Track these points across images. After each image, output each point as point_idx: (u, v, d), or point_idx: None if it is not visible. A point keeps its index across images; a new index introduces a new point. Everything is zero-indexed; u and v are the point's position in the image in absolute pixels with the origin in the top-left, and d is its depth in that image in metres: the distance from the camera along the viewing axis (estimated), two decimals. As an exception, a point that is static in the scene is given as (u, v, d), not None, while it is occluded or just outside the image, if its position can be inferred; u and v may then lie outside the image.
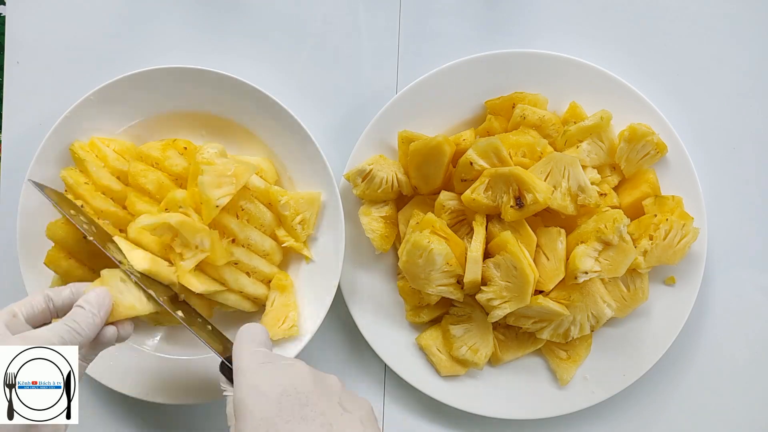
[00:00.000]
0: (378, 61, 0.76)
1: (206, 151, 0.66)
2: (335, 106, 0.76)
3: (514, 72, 0.71)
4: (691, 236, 0.68)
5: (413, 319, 0.73)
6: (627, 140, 0.69)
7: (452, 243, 0.66)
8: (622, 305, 0.70)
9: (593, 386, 0.72)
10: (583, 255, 0.65)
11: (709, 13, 0.75)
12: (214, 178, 0.64)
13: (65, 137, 0.69)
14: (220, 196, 0.64)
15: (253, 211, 0.69)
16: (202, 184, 0.63)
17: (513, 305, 0.65)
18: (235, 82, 0.68)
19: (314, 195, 0.70)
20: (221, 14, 0.76)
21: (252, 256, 0.69)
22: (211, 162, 0.65)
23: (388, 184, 0.70)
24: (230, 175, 0.65)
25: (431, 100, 0.71)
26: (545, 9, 0.76)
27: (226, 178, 0.64)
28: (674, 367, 0.75)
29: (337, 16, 0.76)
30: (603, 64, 0.71)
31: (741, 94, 0.75)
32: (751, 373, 0.75)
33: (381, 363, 0.75)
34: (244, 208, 0.69)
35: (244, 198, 0.69)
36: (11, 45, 0.76)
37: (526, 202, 0.64)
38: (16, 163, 0.75)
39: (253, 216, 0.69)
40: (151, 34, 0.76)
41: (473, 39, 0.76)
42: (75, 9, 0.76)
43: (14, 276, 0.71)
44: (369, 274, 0.73)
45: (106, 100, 0.69)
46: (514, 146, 0.67)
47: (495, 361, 0.73)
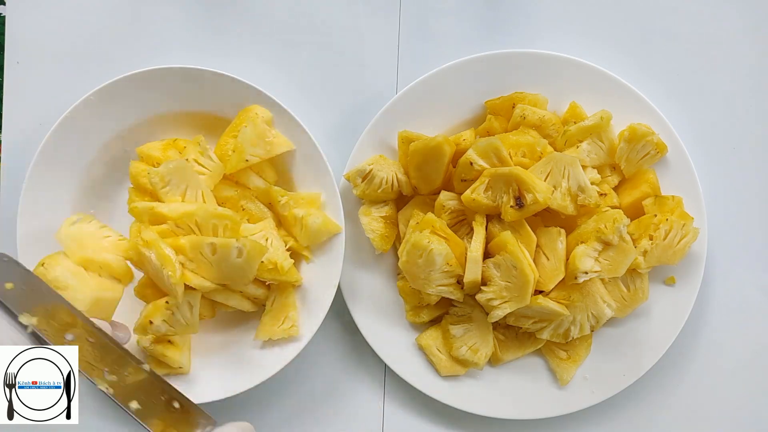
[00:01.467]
0: (378, 61, 0.76)
1: (254, 112, 0.68)
2: (335, 106, 0.76)
3: (514, 72, 0.71)
4: (691, 236, 0.68)
5: (413, 319, 0.73)
6: (627, 140, 0.69)
7: (452, 243, 0.66)
8: (622, 305, 0.70)
9: (593, 386, 0.72)
10: (583, 255, 0.65)
11: (709, 14, 0.75)
12: (254, 136, 0.67)
13: (65, 137, 0.69)
14: (252, 154, 0.67)
15: (254, 211, 0.70)
16: (243, 134, 0.66)
17: (513, 305, 0.65)
18: (235, 82, 0.68)
19: (314, 196, 0.70)
20: (221, 14, 0.76)
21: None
22: (256, 122, 0.67)
23: (388, 184, 0.70)
24: (268, 141, 0.68)
25: (431, 100, 0.71)
26: (545, 9, 0.76)
27: (263, 142, 0.67)
28: (674, 367, 0.75)
29: (337, 16, 0.76)
30: (603, 64, 0.71)
31: (741, 94, 0.75)
32: (750, 373, 0.75)
33: (381, 363, 0.75)
34: (245, 208, 0.69)
35: (244, 197, 0.70)
36: (11, 45, 0.76)
37: (526, 202, 0.64)
38: (16, 163, 0.75)
39: (254, 215, 0.70)
40: (151, 34, 0.76)
41: (473, 39, 0.76)
42: (75, 9, 0.76)
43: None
44: (369, 274, 0.73)
45: (106, 100, 0.69)
46: (514, 146, 0.67)
47: (495, 361, 0.73)
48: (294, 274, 0.69)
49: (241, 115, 0.69)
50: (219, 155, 0.68)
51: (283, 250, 0.68)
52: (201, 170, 0.67)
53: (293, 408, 0.76)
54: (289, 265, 0.68)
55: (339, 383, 0.76)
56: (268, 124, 0.69)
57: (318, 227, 0.68)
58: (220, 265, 0.61)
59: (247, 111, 0.69)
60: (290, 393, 0.76)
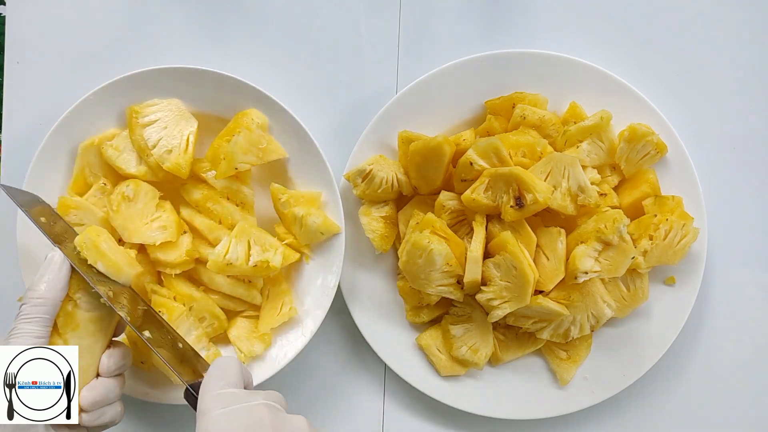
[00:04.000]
0: (378, 61, 0.76)
1: (251, 117, 0.68)
2: (335, 106, 0.76)
3: (514, 72, 0.71)
4: (691, 236, 0.68)
5: (413, 319, 0.73)
6: (627, 140, 0.69)
7: (452, 243, 0.66)
8: (622, 305, 0.70)
9: (593, 386, 0.72)
10: (583, 255, 0.64)
11: (709, 14, 0.75)
12: (246, 143, 0.67)
13: (65, 137, 0.69)
14: (243, 161, 0.67)
15: (219, 212, 0.69)
16: (234, 143, 0.66)
17: (513, 305, 0.65)
18: (235, 82, 0.68)
19: (314, 195, 0.70)
20: (221, 14, 0.76)
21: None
22: (251, 129, 0.67)
23: (388, 184, 0.70)
24: (260, 148, 0.68)
25: (431, 100, 0.71)
26: (545, 9, 0.76)
27: (255, 149, 0.67)
28: (674, 367, 0.75)
29: (338, 16, 0.76)
30: (603, 64, 0.71)
31: (741, 94, 0.75)
32: (751, 373, 0.75)
33: (381, 363, 0.75)
34: (212, 210, 0.69)
35: (211, 199, 0.69)
36: (11, 45, 0.76)
37: (526, 202, 0.64)
38: (16, 163, 0.75)
39: (223, 217, 0.70)
40: (151, 34, 0.76)
41: (473, 39, 0.76)
42: (75, 9, 0.76)
43: (14, 277, 0.71)
44: (369, 274, 0.73)
45: (106, 100, 0.69)
46: (514, 146, 0.67)
47: (495, 361, 0.73)
48: (291, 259, 0.69)
49: (237, 118, 0.69)
50: (211, 157, 0.68)
51: (271, 243, 0.68)
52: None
53: (293, 408, 0.75)
54: (280, 262, 0.67)
55: (339, 383, 0.76)
56: (264, 129, 0.69)
57: (318, 227, 0.68)
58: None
59: (243, 115, 0.68)
60: (290, 393, 0.76)
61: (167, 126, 0.68)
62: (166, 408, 0.75)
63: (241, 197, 0.69)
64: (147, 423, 0.76)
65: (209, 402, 0.52)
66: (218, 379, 0.54)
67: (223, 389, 0.53)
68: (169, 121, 0.68)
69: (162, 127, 0.67)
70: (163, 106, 0.68)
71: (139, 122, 0.67)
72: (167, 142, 0.67)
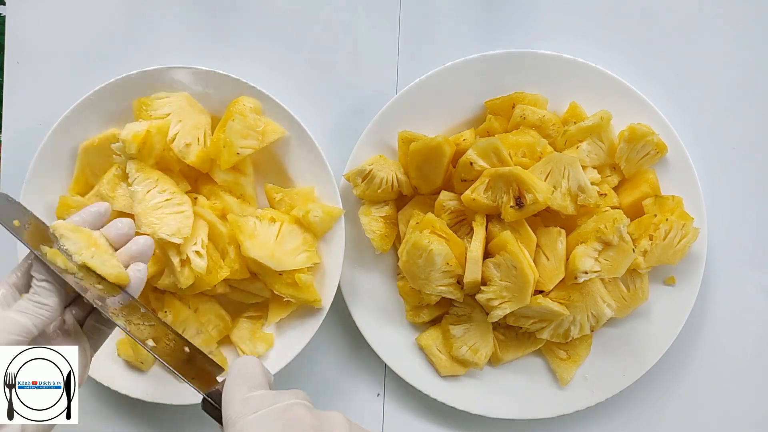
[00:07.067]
0: (378, 62, 0.76)
1: (242, 103, 0.67)
2: (335, 106, 0.76)
3: (514, 72, 0.71)
4: (691, 236, 0.68)
5: (413, 319, 0.73)
6: (627, 140, 0.69)
7: (452, 243, 0.66)
8: (622, 305, 0.70)
9: (593, 386, 0.72)
10: (583, 255, 0.64)
11: (709, 14, 0.75)
12: (242, 128, 0.66)
13: (65, 137, 0.69)
14: (243, 146, 0.66)
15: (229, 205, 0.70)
16: (230, 129, 0.65)
17: (513, 305, 0.65)
18: (235, 82, 0.69)
19: (307, 190, 0.70)
20: (221, 14, 0.76)
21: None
22: (244, 114, 0.66)
23: (388, 184, 0.70)
24: (258, 131, 0.67)
25: (431, 100, 0.71)
26: (545, 10, 0.76)
27: (253, 132, 0.67)
28: (674, 367, 0.75)
29: (337, 16, 0.76)
30: (603, 64, 0.71)
31: (741, 94, 0.75)
32: (751, 372, 0.75)
33: (381, 363, 0.75)
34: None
35: (213, 194, 0.70)
36: (11, 45, 0.76)
37: (526, 202, 0.64)
38: (16, 163, 0.75)
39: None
40: (151, 34, 0.76)
41: (473, 39, 0.76)
42: (75, 9, 0.76)
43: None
44: (369, 274, 0.73)
45: (106, 100, 0.69)
46: (514, 146, 0.67)
47: (495, 361, 0.73)
48: (313, 293, 0.69)
49: (229, 108, 0.68)
50: (213, 152, 0.68)
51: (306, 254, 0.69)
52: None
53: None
54: (309, 280, 0.68)
55: (339, 383, 0.76)
56: (258, 113, 0.68)
57: (321, 219, 0.68)
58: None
59: (234, 103, 0.68)
60: (290, 393, 0.76)
61: (182, 119, 0.67)
62: (167, 408, 0.75)
63: (240, 190, 0.70)
64: (148, 423, 0.76)
65: (238, 408, 0.47)
66: (242, 382, 0.50)
67: (249, 392, 0.49)
68: (183, 115, 0.67)
69: (177, 121, 0.67)
70: (173, 99, 0.68)
71: (150, 115, 0.67)
72: (185, 136, 0.67)
